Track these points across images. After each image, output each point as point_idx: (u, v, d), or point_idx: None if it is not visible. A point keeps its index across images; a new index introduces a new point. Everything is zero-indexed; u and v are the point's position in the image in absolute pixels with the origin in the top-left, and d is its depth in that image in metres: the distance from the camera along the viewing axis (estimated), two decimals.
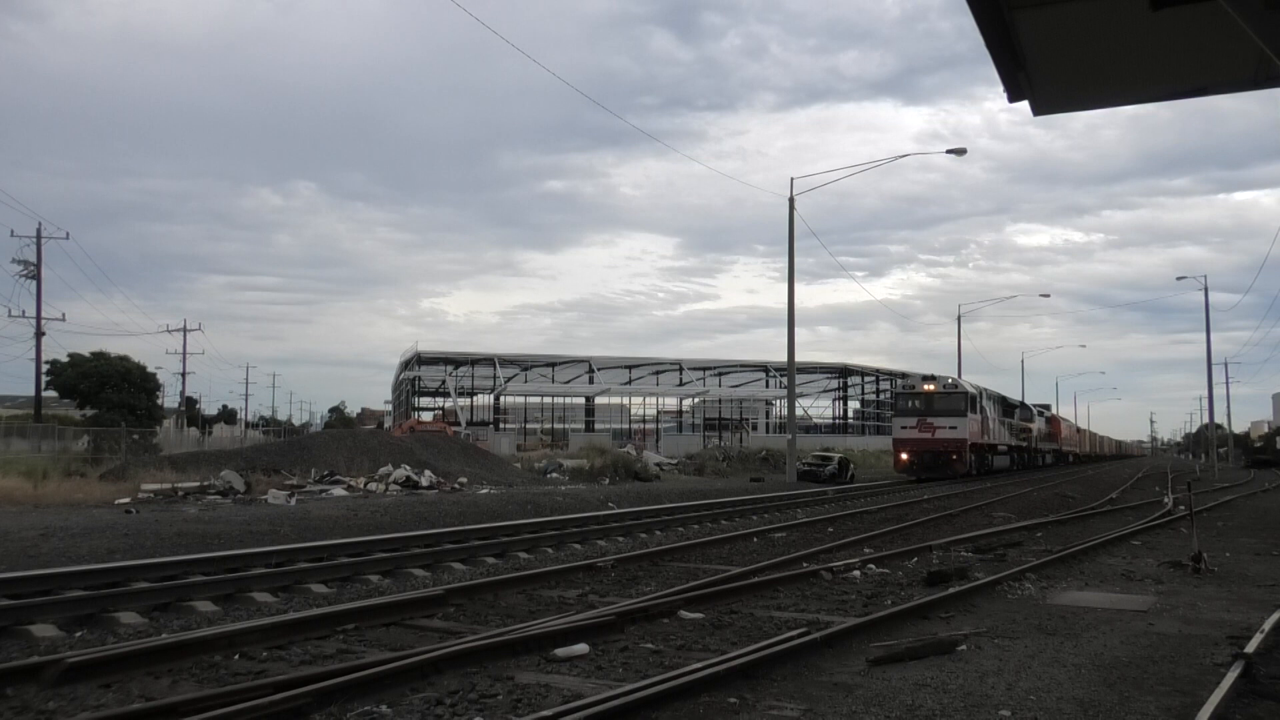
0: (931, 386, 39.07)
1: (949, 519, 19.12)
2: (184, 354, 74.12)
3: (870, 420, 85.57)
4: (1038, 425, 56.25)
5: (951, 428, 37.43)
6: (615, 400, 79.32)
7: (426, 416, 69.59)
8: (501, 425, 68.16)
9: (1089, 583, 11.01)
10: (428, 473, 27.06)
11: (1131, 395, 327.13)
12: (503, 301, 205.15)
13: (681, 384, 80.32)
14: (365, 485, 25.03)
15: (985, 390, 43.21)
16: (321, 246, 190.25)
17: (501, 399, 72.68)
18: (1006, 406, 47.98)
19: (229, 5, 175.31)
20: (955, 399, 38.17)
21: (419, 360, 68.52)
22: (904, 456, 38.42)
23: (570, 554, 13.24)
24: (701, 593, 9.26)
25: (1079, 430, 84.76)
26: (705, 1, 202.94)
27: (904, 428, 38.93)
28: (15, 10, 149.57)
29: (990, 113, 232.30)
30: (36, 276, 48.70)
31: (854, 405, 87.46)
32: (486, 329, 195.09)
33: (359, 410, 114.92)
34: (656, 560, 12.45)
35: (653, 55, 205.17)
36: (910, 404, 39.34)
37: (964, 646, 7.35)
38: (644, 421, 76.45)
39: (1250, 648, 7.13)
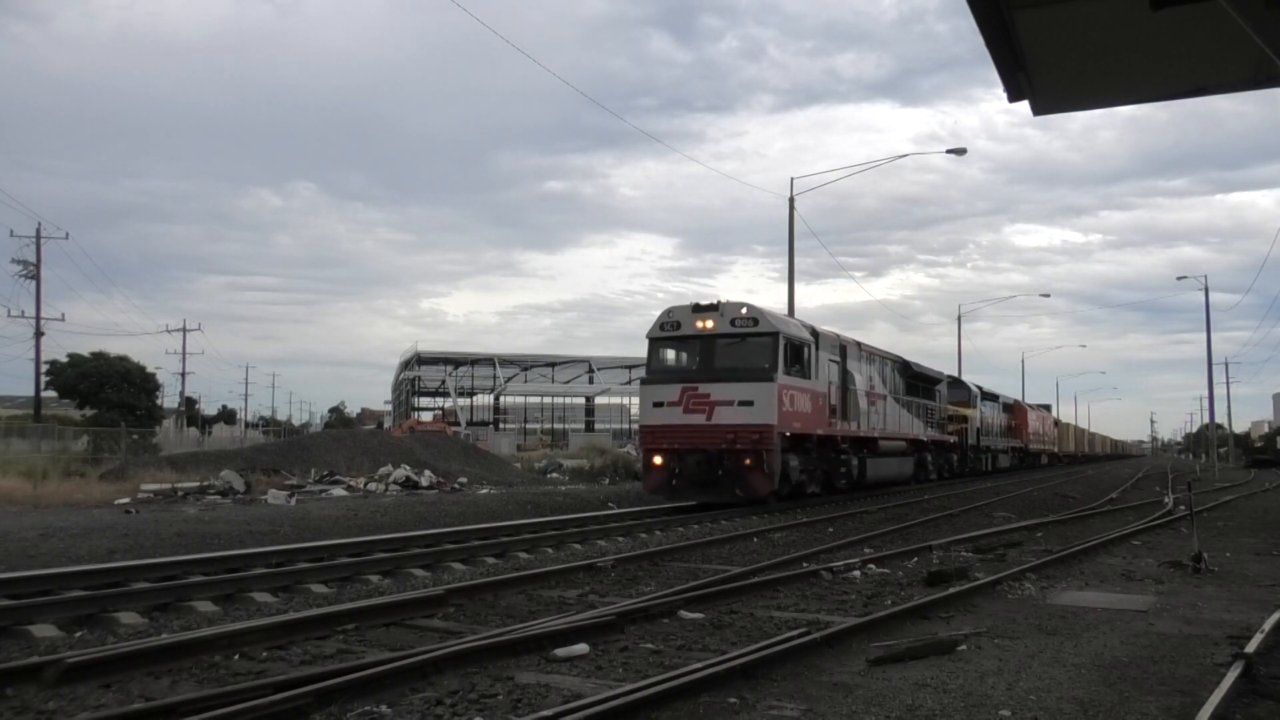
0: (709, 323, 19.94)
1: (949, 519, 19.11)
2: (184, 354, 74.27)
3: None
4: (981, 412, 40.96)
5: (745, 403, 19.19)
6: (615, 400, 79.40)
7: (426, 416, 69.66)
8: (501, 425, 68.23)
9: (1089, 583, 11.00)
10: (428, 473, 27.09)
11: (1131, 395, 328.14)
12: (502, 301, 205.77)
13: None
14: (365, 485, 25.05)
15: (853, 343, 25.15)
16: (321, 247, 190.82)
17: (501, 399, 72.76)
18: (915, 378, 30.99)
19: (229, 7, 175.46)
20: (755, 346, 19.72)
21: (419, 360, 68.58)
22: (656, 460, 19.85)
23: (570, 554, 13.23)
24: (701, 593, 9.24)
25: (1057, 424, 69.01)
26: (703, 3, 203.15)
27: (657, 405, 20.09)
28: (17, 12, 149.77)
29: (988, 114, 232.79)
30: (36, 276, 48.78)
31: None
32: (486, 329, 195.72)
33: (359, 410, 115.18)
34: (656, 560, 12.44)
35: (651, 57, 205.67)
36: (670, 357, 20.86)
37: (964, 646, 7.34)
38: None
39: (1250, 648, 7.12)
